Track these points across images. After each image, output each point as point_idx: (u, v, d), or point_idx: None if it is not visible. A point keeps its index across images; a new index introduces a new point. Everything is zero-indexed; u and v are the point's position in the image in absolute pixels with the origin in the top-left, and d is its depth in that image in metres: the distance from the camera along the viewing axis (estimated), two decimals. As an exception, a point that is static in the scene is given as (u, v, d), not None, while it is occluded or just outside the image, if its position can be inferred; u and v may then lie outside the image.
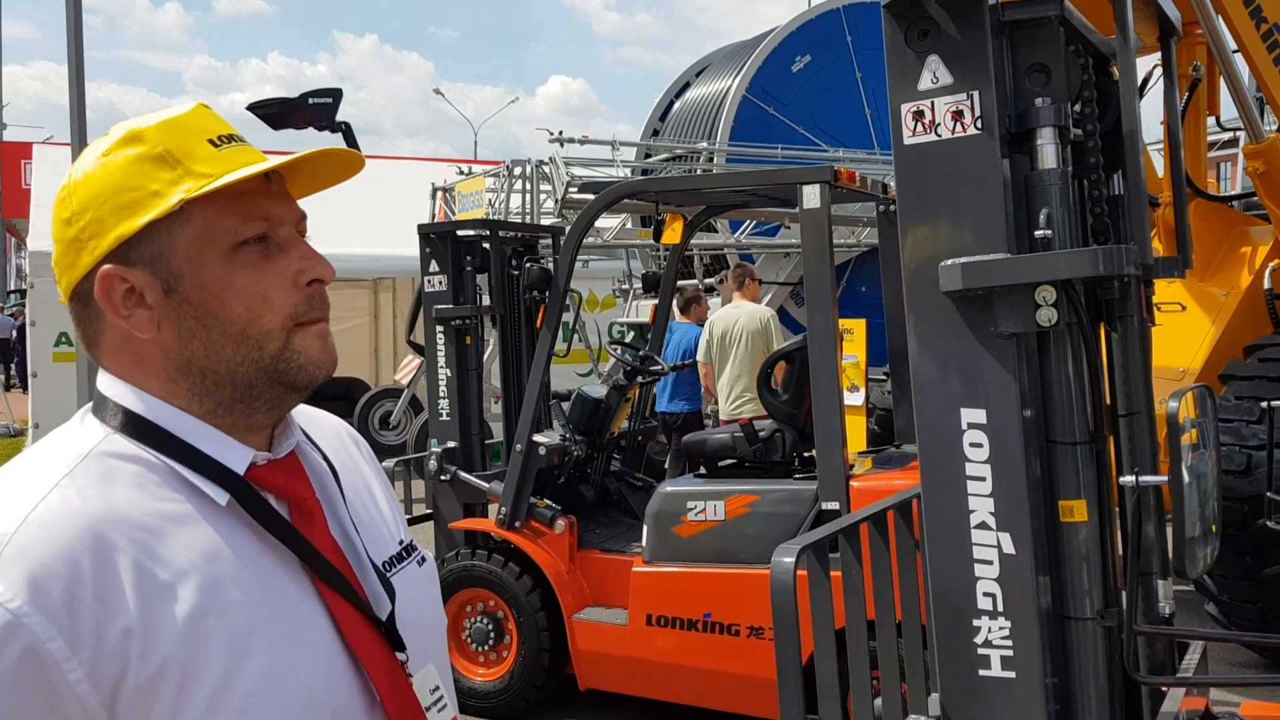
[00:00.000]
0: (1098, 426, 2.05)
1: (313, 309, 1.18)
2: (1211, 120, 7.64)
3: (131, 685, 1.00)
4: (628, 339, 11.36)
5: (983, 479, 2.02)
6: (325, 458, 1.29)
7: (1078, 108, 2.18)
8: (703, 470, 5.39)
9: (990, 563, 2.03)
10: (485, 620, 5.43)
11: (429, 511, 6.04)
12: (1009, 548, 2.01)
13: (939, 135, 2.03)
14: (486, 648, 5.43)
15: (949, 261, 2.01)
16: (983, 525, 2.03)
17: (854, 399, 7.63)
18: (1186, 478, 1.86)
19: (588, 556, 5.36)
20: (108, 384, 1.17)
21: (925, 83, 2.04)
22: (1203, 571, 2.03)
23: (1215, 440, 2.11)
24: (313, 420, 1.36)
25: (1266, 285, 6.80)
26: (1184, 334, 6.97)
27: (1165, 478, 1.90)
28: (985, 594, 2.03)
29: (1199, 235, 7.14)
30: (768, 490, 4.84)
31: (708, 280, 10.60)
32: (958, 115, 2.01)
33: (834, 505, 4.49)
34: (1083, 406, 2.05)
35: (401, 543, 1.33)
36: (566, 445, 5.45)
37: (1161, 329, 7.29)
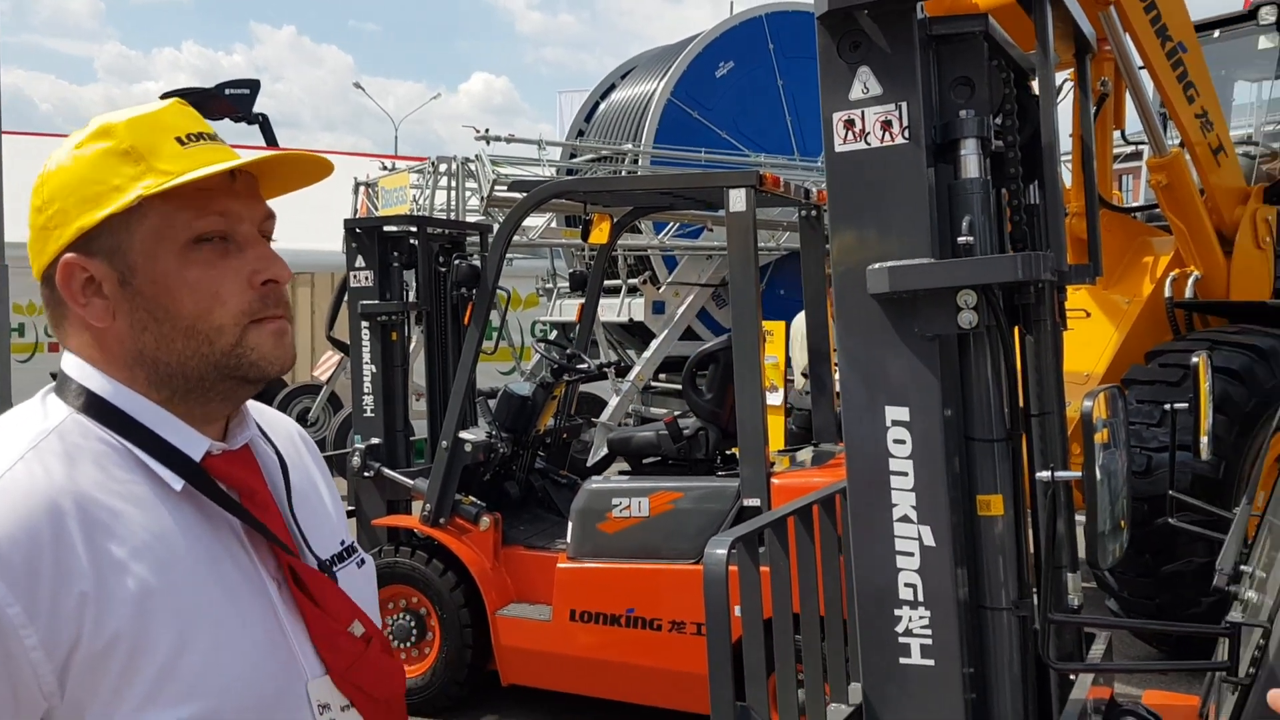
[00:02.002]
0: (1013, 425, 2.16)
1: (267, 307, 1.20)
2: (1117, 134, 7.95)
3: (83, 656, 1.03)
4: (551, 337, 11.39)
5: (905, 474, 2.11)
6: (278, 452, 1.32)
7: (999, 120, 2.28)
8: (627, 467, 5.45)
9: (911, 554, 2.11)
10: (408, 617, 5.42)
11: (351, 509, 6.00)
12: (929, 540, 2.10)
13: (868, 144, 2.11)
14: (409, 645, 5.42)
15: (876, 265, 2.09)
16: (905, 519, 2.12)
17: (773, 399, 7.76)
18: (1099, 474, 1.97)
19: (512, 553, 5.38)
20: (71, 365, 1.20)
21: (856, 93, 2.12)
22: (1114, 563, 2.15)
23: (1125, 440, 2.23)
24: (265, 419, 1.39)
25: (1167, 294, 7.08)
26: (1089, 340, 7.21)
27: (1078, 473, 2.00)
28: (906, 584, 2.12)
29: (1104, 245, 7.39)
30: (691, 487, 4.91)
31: (631, 280, 10.67)
32: (886, 125, 2.09)
33: (755, 502, 4.58)
34: (1000, 405, 2.15)
35: (343, 542, 1.36)
36: (492, 442, 5.47)
37: (1068, 334, 7.54)
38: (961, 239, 2.06)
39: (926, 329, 2.09)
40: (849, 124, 2.12)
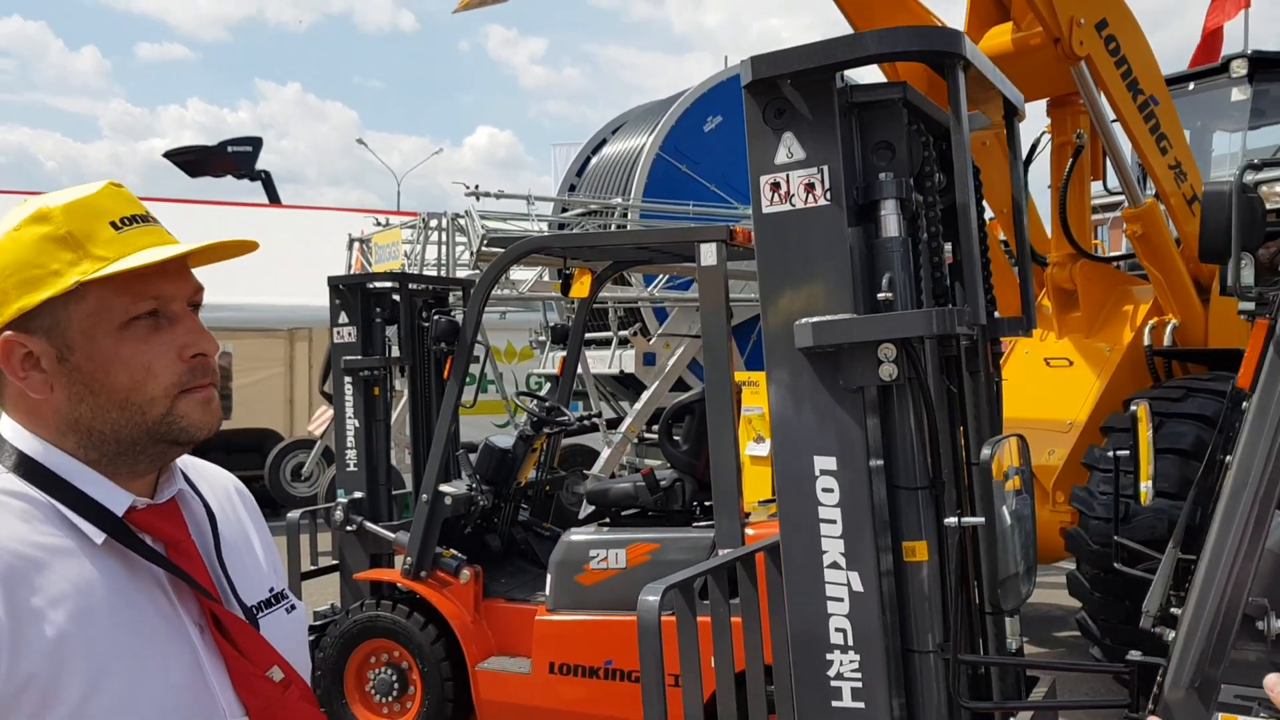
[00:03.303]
0: (936, 473, 2.23)
1: (195, 378, 1.30)
2: (1098, 186, 8.09)
3: None
4: (543, 390, 11.47)
5: (834, 521, 2.18)
6: (206, 506, 1.40)
7: (925, 180, 2.38)
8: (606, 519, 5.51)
9: (841, 600, 2.18)
10: (389, 671, 5.45)
11: (335, 563, 6.05)
12: (858, 585, 2.17)
13: (793, 205, 2.21)
14: (390, 699, 5.45)
15: (802, 321, 2.18)
16: (834, 565, 2.18)
17: (759, 449, 7.82)
18: (1008, 519, 2.03)
19: (493, 606, 5.42)
20: (7, 429, 1.29)
21: (781, 157, 2.22)
22: (1019, 606, 2.21)
23: (1031, 485, 2.30)
24: (203, 473, 1.49)
25: (1146, 342, 7.17)
26: (1071, 388, 7.29)
27: (981, 519, 2.07)
28: (837, 629, 2.19)
29: (1085, 294, 7.52)
30: (667, 538, 4.96)
31: (621, 332, 10.78)
32: (810, 187, 2.19)
33: (730, 552, 4.63)
34: (923, 454, 2.22)
35: (272, 590, 1.45)
36: (473, 495, 5.53)
37: (1050, 383, 7.57)
38: (881, 295, 2.15)
39: (850, 381, 2.17)
40: (775, 186, 2.22)
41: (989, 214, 8.15)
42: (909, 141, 2.25)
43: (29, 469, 1.25)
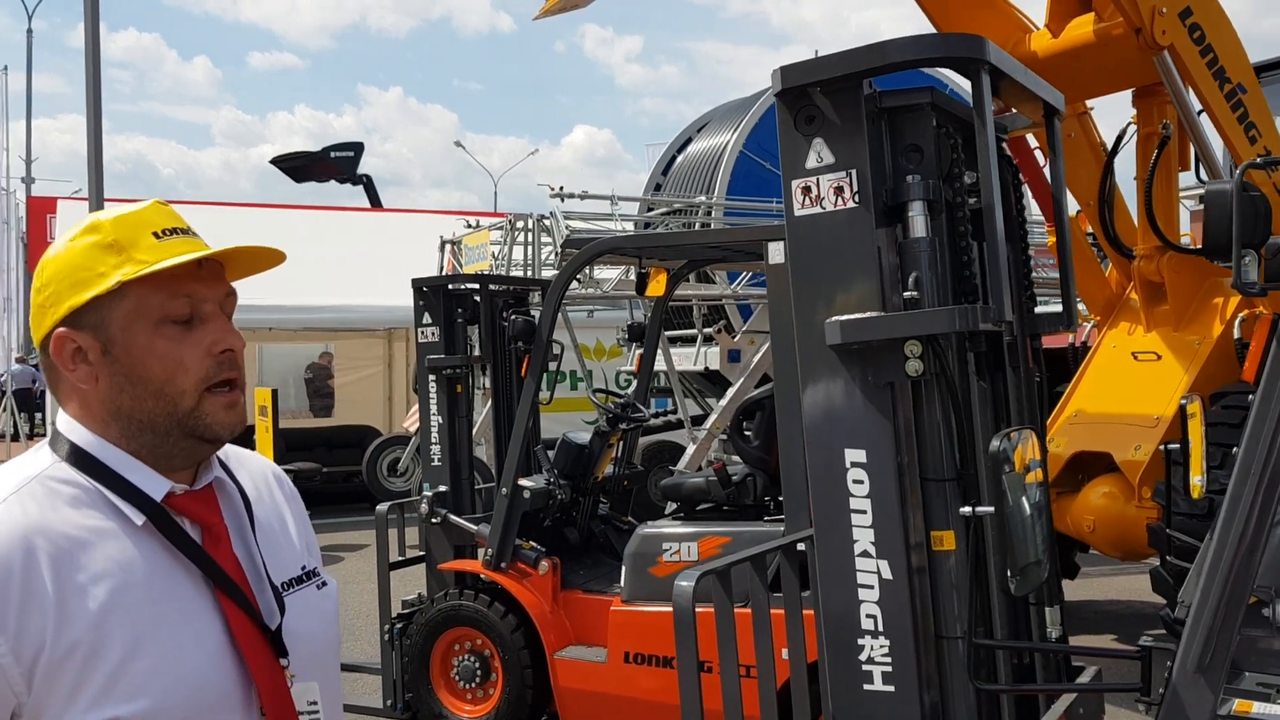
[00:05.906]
0: (964, 465, 2.30)
1: (222, 371, 1.44)
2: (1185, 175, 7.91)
3: (46, 661, 1.27)
4: (630, 387, 11.63)
5: (864, 512, 2.27)
6: (242, 491, 1.55)
7: (958, 181, 2.44)
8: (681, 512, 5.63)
9: (871, 587, 2.27)
10: (473, 659, 5.65)
11: (421, 554, 6.28)
12: (887, 573, 2.25)
13: (823, 208, 2.30)
14: (473, 685, 5.65)
15: (832, 319, 2.27)
16: (865, 554, 2.27)
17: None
18: (1027, 509, 2.09)
19: (570, 596, 5.58)
20: (63, 422, 1.46)
21: (812, 162, 2.32)
22: (1029, 592, 2.26)
23: (1047, 478, 2.34)
24: (243, 461, 1.64)
25: (1236, 335, 7.01)
26: (1159, 382, 7.17)
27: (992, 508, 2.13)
28: (868, 615, 2.27)
29: (1173, 287, 7.38)
30: (739, 531, 5.05)
31: (706, 329, 10.88)
32: (839, 190, 2.28)
33: (801, 546, 4.71)
34: (950, 447, 2.29)
35: (304, 568, 1.59)
36: (551, 489, 5.69)
37: (1138, 377, 7.43)
38: (907, 294, 2.23)
39: (878, 377, 2.25)
40: (806, 190, 2.32)
41: (1074, 207, 8.05)
42: (938, 144, 2.32)
43: (79, 458, 1.41)
